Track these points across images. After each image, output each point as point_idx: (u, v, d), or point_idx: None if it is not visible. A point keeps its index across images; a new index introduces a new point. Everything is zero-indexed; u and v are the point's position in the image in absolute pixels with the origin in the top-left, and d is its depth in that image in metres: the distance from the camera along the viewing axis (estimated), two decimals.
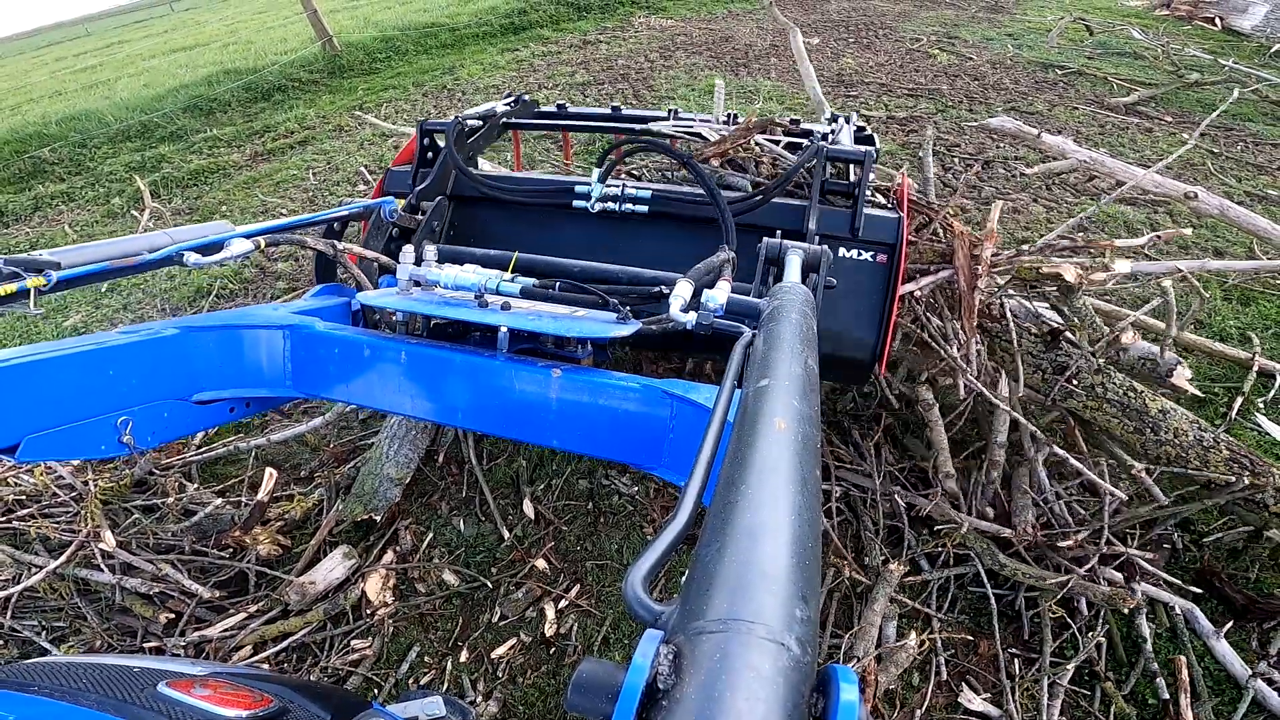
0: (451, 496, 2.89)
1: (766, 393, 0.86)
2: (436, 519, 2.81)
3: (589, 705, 0.51)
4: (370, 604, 2.45)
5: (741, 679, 0.43)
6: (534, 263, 2.15)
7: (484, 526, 2.77)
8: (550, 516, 2.78)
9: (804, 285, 1.50)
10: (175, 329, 1.73)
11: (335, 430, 3.25)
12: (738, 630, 0.48)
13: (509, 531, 2.73)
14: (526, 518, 2.78)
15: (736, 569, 0.55)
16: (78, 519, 2.65)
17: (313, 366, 1.85)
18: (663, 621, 0.55)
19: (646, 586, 0.62)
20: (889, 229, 2.24)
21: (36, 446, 1.45)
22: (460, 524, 2.78)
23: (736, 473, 0.69)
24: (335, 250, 2.06)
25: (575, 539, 2.72)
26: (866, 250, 2.25)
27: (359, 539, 2.71)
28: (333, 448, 3.12)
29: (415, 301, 1.86)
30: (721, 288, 1.57)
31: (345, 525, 2.70)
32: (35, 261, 1.51)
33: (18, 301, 1.45)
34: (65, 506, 2.75)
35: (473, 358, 1.70)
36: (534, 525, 2.77)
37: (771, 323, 1.18)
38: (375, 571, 2.52)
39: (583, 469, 2.94)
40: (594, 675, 0.52)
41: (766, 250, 1.74)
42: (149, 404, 1.67)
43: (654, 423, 1.56)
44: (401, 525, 2.75)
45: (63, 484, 2.81)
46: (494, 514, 2.78)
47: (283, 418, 3.38)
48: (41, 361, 1.45)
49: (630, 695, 0.45)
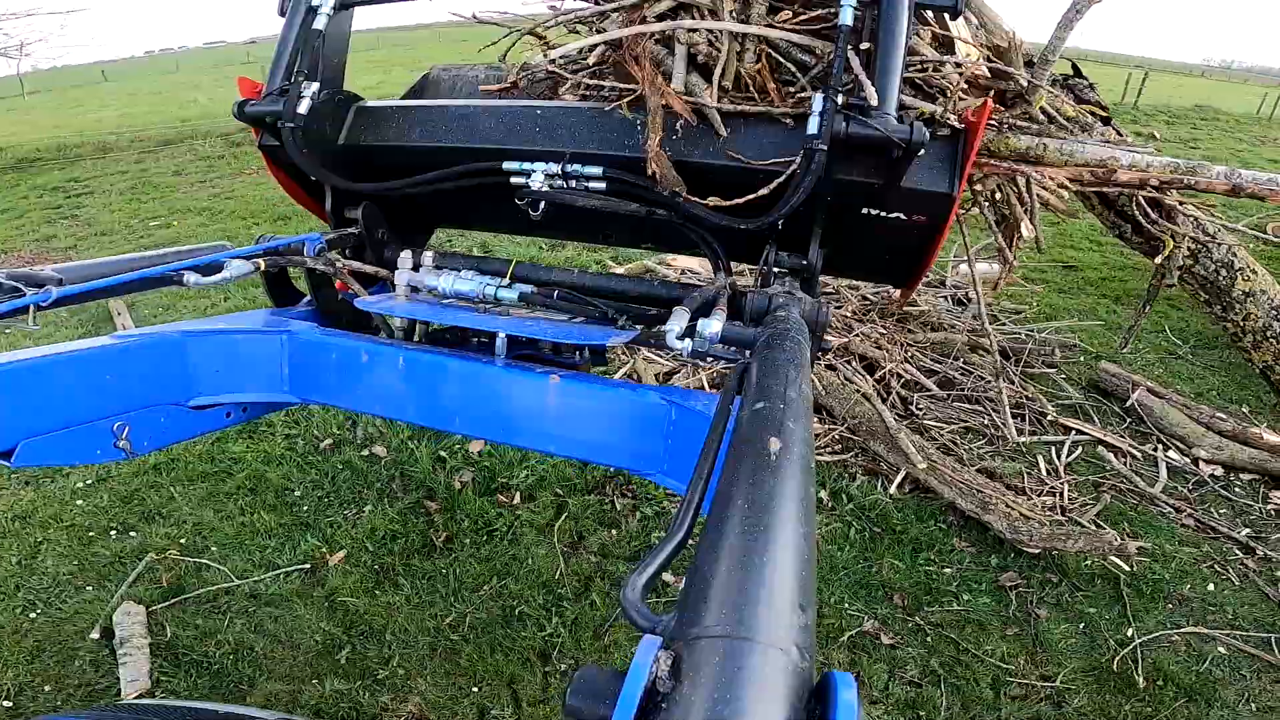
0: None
1: (763, 415, 0.89)
2: None
3: (587, 709, 0.51)
4: None
5: (741, 683, 0.44)
6: (532, 270, 2.15)
7: None
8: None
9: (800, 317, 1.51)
10: (172, 333, 1.73)
11: None
12: (737, 636, 0.48)
13: None
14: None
15: (735, 577, 0.56)
16: None
17: (310, 371, 1.85)
18: (661, 629, 0.56)
19: (645, 595, 0.63)
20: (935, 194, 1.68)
21: (32, 451, 1.44)
22: None
23: (734, 488, 0.71)
24: (335, 268, 2.05)
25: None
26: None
27: None
28: None
29: (414, 307, 1.86)
30: (717, 317, 1.56)
31: None
32: (36, 277, 1.51)
33: (17, 317, 1.45)
34: None
35: (470, 363, 1.70)
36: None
37: (767, 350, 1.22)
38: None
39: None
40: (592, 680, 0.53)
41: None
42: (146, 409, 1.67)
43: (652, 429, 1.56)
44: None
45: None
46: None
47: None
48: (38, 365, 1.45)
49: (629, 699, 0.45)
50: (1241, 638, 2.87)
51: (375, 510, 3.25)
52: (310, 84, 1.95)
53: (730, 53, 1.83)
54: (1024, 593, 3.01)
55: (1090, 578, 3.10)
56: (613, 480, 3.45)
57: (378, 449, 3.66)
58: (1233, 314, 4.04)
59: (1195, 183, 2.00)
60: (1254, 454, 3.92)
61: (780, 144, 1.74)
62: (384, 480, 3.45)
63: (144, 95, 26.52)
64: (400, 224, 2.28)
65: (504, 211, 2.01)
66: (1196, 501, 3.69)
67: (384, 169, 2.12)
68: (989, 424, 4.13)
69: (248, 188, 9.21)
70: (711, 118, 1.78)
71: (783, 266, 1.86)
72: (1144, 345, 5.46)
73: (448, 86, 2.59)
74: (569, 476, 3.46)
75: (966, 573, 3.09)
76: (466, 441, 3.64)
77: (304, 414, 3.86)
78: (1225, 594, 3.10)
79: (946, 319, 4.98)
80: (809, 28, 1.81)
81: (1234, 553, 3.33)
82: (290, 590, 2.82)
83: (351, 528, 3.15)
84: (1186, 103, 20.11)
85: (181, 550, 2.99)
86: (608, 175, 1.81)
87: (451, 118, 2.05)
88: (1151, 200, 2.57)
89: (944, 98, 1.77)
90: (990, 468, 3.73)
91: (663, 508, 3.28)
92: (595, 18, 2.18)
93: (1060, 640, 2.80)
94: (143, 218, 8.10)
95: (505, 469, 3.51)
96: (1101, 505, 3.52)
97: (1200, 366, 5.22)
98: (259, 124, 2.02)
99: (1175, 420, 4.19)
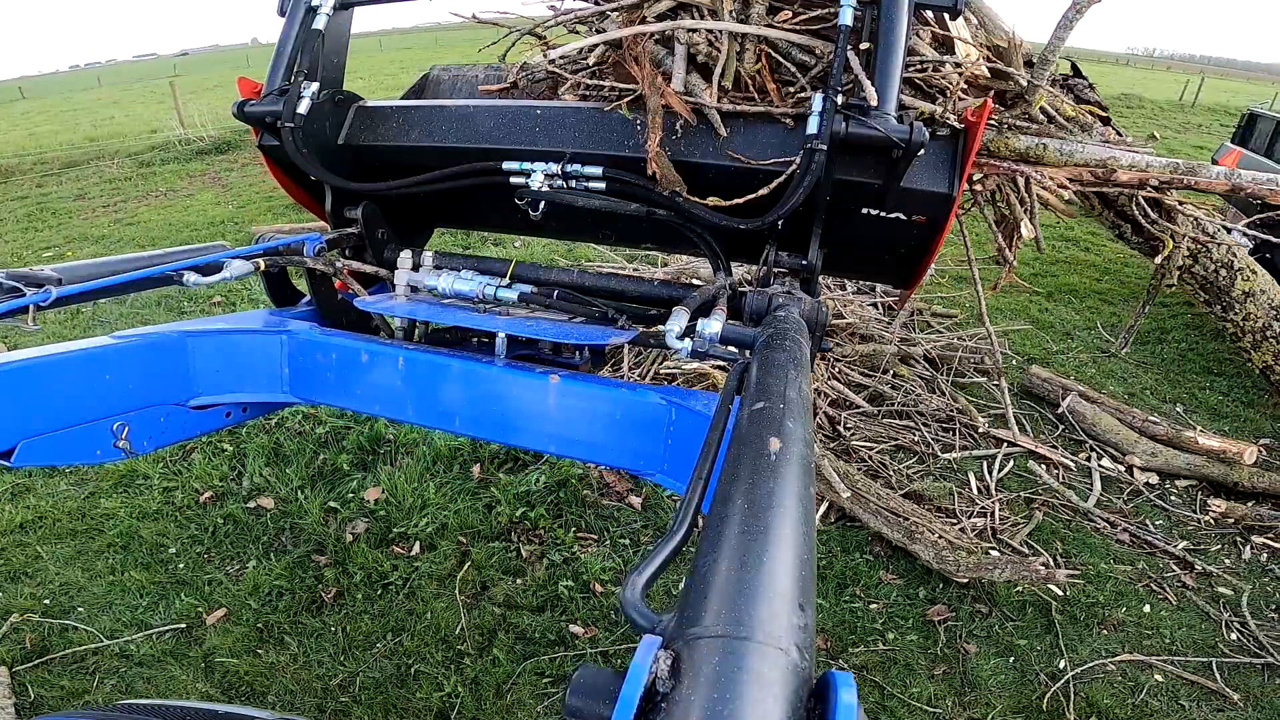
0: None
1: (763, 414, 0.88)
2: None
3: (587, 709, 0.51)
4: None
5: (741, 683, 0.44)
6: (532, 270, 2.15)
7: None
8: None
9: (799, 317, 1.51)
10: (172, 333, 1.73)
11: None
12: (737, 636, 0.48)
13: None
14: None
15: (735, 577, 0.56)
16: None
17: (310, 372, 1.85)
18: (660, 629, 0.56)
19: (645, 595, 0.63)
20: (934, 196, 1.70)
21: (32, 451, 1.45)
22: None
23: (734, 488, 0.71)
24: (335, 268, 2.06)
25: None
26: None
27: None
28: None
29: (414, 307, 1.86)
30: (716, 317, 1.56)
31: None
32: (36, 277, 1.51)
33: (16, 317, 1.45)
34: None
35: (470, 363, 1.70)
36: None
37: (767, 349, 1.22)
38: None
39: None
40: (592, 680, 0.53)
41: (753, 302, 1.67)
42: (146, 409, 1.67)
43: (652, 429, 1.56)
44: None
45: None
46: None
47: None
48: (37, 365, 1.45)
49: (629, 698, 0.45)
50: (1179, 663, 2.74)
51: (259, 566, 3.05)
52: (310, 84, 1.96)
53: (730, 53, 1.83)
54: (953, 627, 2.87)
55: (1021, 605, 2.97)
56: (518, 526, 3.27)
57: (264, 501, 3.42)
58: (1233, 314, 4.04)
59: (1195, 183, 2.00)
60: (1189, 459, 3.81)
61: (780, 144, 1.74)
62: (270, 534, 3.24)
63: (58, 113, 25.00)
64: (400, 224, 2.28)
65: (504, 211, 2.01)
66: (1131, 514, 3.57)
67: (384, 169, 2.12)
68: (919, 440, 3.98)
69: (153, 212, 8.81)
70: (711, 118, 1.78)
71: (783, 266, 1.86)
72: (1076, 344, 5.37)
73: (448, 87, 2.59)
74: (472, 523, 3.27)
75: (894, 608, 2.94)
76: (362, 490, 3.45)
77: (184, 464, 3.65)
78: (1162, 615, 2.97)
79: (875, 329, 4.75)
80: (809, 28, 1.81)
81: (1171, 569, 3.21)
82: (163, 650, 2.67)
83: (233, 584, 2.97)
84: (1113, 91, 20.18)
85: (44, 611, 2.83)
86: (608, 175, 1.81)
87: (451, 118, 2.05)
88: (1151, 200, 2.57)
89: (944, 98, 1.77)
90: (920, 490, 3.58)
91: (572, 554, 3.12)
92: (595, 18, 2.18)
93: (990, 677, 2.66)
94: (35, 248, 7.61)
95: (404, 517, 3.29)
96: (1034, 524, 3.40)
97: (1133, 364, 5.13)
98: (259, 124, 2.03)
99: (1107, 426, 4.08)
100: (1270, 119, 6.68)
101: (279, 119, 1.93)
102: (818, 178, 1.58)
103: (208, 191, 9.75)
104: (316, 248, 2.02)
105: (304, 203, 2.29)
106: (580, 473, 3.58)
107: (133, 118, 18.02)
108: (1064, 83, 2.43)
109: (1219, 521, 3.54)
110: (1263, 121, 6.79)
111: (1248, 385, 4.88)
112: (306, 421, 3.99)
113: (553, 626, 2.79)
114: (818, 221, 1.79)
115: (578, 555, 3.14)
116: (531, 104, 2.04)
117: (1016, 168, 1.98)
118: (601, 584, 2.99)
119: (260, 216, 8.21)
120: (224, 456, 3.70)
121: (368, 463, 3.69)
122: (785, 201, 1.64)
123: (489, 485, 3.52)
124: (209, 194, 9.57)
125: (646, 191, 1.80)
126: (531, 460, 3.68)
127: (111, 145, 13.38)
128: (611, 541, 3.24)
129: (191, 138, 12.60)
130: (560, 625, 2.81)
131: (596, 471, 3.62)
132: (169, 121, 14.02)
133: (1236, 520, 3.52)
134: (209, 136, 12.57)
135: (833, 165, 1.61)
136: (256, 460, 3.64)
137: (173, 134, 13.01)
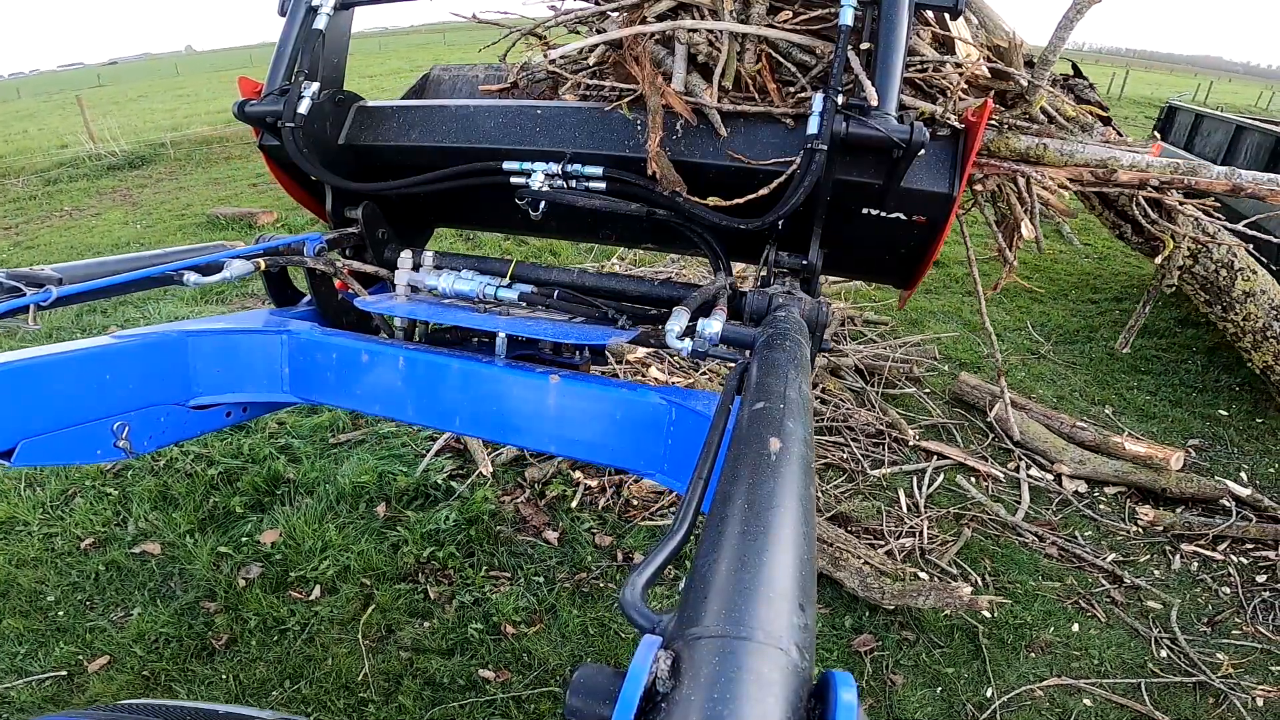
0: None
1: (763, 415, 0.89)
2: None
3: (587, 708, 0.51)
4: None
5: (741, 682, 0.44)
6: (532, 270, 2.15)
7: None
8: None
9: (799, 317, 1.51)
10: (173, 333, 1.73)
11: None
12: (737, 636, 0.48)
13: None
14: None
15: (735, 577, 0.56)
16: None
17: (310, 371, 1.85)
18: (661, 628, 0.56)
19: (645, 594, 0.63)
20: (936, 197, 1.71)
21: (32, 451, 1.45)
22: None
23: (734, 488, 0.71)
24: (335, 268, 2.06)
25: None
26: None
27: None
28: None
29: (414, 307, 1.86)
30: (717, 317, 1.56)
31: None
32: (36, 276, 1.51)
33: (17, 317, 1.45)
34: None
35: (470, 363, 1.70)
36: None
37: (767, 350, 1.22)
38: None
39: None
40: (592, 679, 0.53)
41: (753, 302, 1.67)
42: (146, 409, 1.67)
43: (652, 429, 1.56)
44: None
45: None
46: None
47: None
48: (37, 365, 1.45)
49: (629, 698, 0.45)
50: (1109, 685, 2.68)
51: (144, 613, 2.90)
52: (310, 84, 1.96)
53: (730, 53, 1.83)
54: (879, 657, 2.78)
55: (949, 630, 2.89)
56: (426, 566, 3.15)
57: (149, 546, 3.25)
58: (1233, 314, 4.04)
59: (1195, 183, 2.00)
60: (1117, 466, 3.78)
61: (780, 144, 1.74)
62: (156, 580, 3.08)
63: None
64: (400, 224, 2.28)
65: (504, 211, 2.01)
66: (1060, 526, 3.51)
67: (384, 169, 2.12)
68: (849, 457, 3.90)
69: (54, 234, 8.33)
70: (711, 118, 1.78)
71: (783, 266, 1.86)
72: (1006, 345, 5.32)
73: (448, 86, 2.59)
74: (377, 564, 3.14)
75: (819, 639, 2.81)
76: (257, 533, 3.31)
77: (65, 509, 3.49)
78: (1091, 634, 2.91)
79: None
80: (809, 28, 1.81)
81: (1100, 583, 3.16)
82: (43, 697, 2.56)
83: (116, 632, 2.82)
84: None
85: None
86: (608, 175, 1.81)
87: (451, 118, 2.05)
88: (1151, 200, 2.57)
89: (944, 98, 1.77)
90: (847, 511, 3.51)
91: (483, 594, 3.00)
92: (595, 18, 2.18)
93: (916, 710, 2.59)
94: None
95: (303, 560, 3.13)
96: (962, 542, 3.34)
97: (1062, 365, 5.09)
98: (259, 124, 2.03)
99: (1035, 434, 4.03)
100: (1189, 112, 6.87)
101: (279, 119, 1.93)
102: (818, 178, 1.58)
103: (116, 210, 9.33)
104: (317, 247, 2.02)
105: (304, 202, 2.29)
106: (493, 509, 3.42)
107: (46, 131, 16.99)
108: (1064, 83, 2.43)
109: (1148, 530, 3.49)
110: (1182, 114, 6.96)
111: (1175, 383, 4.89)
112: (198, 462, 3.77)
113: (463, 671, 2.67)
114: (818, 221, 1.79)
115: (489, 595, 3.01)
116: (532, 104, 2.04)
117: (1017, 168, 1.98)
118: (513, 625, 2.87)
119: (170, 236, 7.86)
120: (108, 501, 3.51)
121: (264, 504, 3.51)
122: (785, 201, 1.64)
123: (396, 524, 3.38)
124: (117, 212, 9.18)
125: (647, 191, 1.80)
126: (442, 496, 3.52)
127: (18, 162, 12.74)
128: (525, 580, 3.09)
129: (103, 153, 12.15)
130: (470, 669, 2.68)
131: (512, 505, 3.49)
132: (81, 136, 13.38)
133: (1165, 529, 3.47)
134: (121, 151, 12.12)
135: (833, 165, 1.61)
136: (142, 504, 3.48)
137: (82, 149, 12.51)
